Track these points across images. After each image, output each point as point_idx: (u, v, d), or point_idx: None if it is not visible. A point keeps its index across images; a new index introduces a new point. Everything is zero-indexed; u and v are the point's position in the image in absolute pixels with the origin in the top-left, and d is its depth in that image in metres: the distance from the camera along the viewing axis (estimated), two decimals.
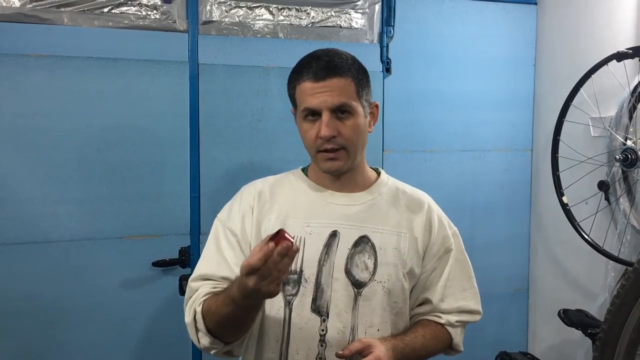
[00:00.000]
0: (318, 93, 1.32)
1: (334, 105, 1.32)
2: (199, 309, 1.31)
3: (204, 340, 1.31)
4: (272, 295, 1.15)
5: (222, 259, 1.39)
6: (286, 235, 1.10)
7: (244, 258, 1.38)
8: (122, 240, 2.13)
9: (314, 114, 1.34)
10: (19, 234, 2.02)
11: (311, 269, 1.35)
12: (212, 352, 1.34)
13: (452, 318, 1.44)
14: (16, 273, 2.02)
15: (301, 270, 1.35)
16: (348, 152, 1.36)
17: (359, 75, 1.37)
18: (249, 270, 1.09)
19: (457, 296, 1.46)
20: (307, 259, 1.35)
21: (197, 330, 1.32)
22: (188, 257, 2.18)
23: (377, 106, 1.44)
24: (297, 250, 1.12)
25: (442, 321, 1.43)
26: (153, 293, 2.18)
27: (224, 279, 1.36)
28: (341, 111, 1.33)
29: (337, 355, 1.26)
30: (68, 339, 2.08)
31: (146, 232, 2.16)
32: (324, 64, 1.33)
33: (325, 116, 1.32)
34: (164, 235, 2.18)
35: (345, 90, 1.33)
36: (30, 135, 2.01)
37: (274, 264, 1.08)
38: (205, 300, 1.32)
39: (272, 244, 1.08)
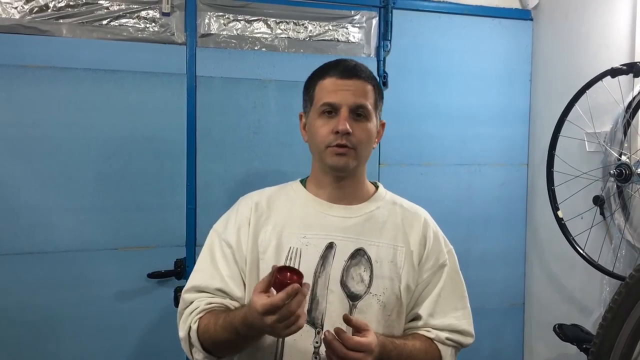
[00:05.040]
0: (341, 90, 1.35)
1: (355, 103, 1.34)
2: (194, 327, 1.32)
3: (198, 356, 1.33)
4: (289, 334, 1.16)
5: (216, 271, 1.39)
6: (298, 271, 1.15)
7: (237, 271, 1.39)
8: (118, 252, 2.13)
9: (331, 110, 1.35)
10: (14, 245, 2.02)
11: (306, 280, 1.34)
12: None
13: (442, 334, 1.40)
14: (11, 283, 2.01)
15: None
16: (357, 154, 1.37)
17: (378, 88, 1.42)
18: (270, 309, 1.10)
19: (448, 314, 1.42)
20: (303, 271, 1.33)
21: (191, 345, 1.33)
22: (183, 269, 2.18)
23: (383, 125, 1.48)
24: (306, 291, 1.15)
25: (431, 335, 1.40)
26: (148, 304, 2.17)
27: (219, 290, 1.37)
28: (358, 113, 1.35)
29: (344, 317, 1.24)
30: (62, 349, 2.07)
31: (142, 244, 2.16)
32: (352, 65, 1.39)
33: (345, 112, 1.34)
34: (160, 246, 2.17)
35: (366, 94, 1.37)
36: (27, 145, 2.02)
37: (297, 304, 1.11)
38: (201, 318, 1.32)
39: (296, 285, 1.10)
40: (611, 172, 1.98)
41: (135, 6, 2.12)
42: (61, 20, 2.04)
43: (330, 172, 1.41)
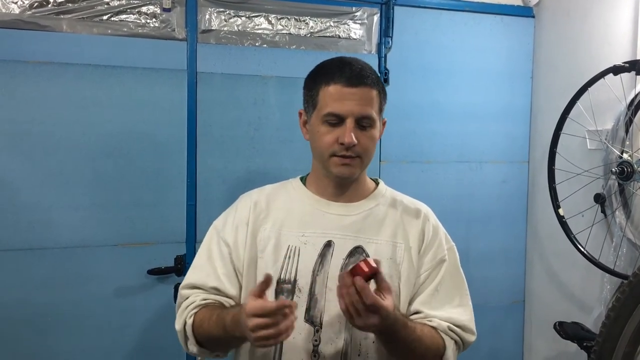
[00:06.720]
0: (347, 100, 1.31)
1: (360, 114, 1.32)
2: (189, 321, 1.33)
3: (192, 348, 1.35)
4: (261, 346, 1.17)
5: (212, 269, 1.40)
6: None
7: (233, 269, 1.40)
8: (118, 248, 2.13)
9: (336, 119, 1.33)
10: (14, 241, 2.02)
11: (305, 279, 1.34)
12: (200, 357, 1.39)
13: (444, 323, 1.36)
14: (11, 279, 2.02)
15: (295, 280, 1.34)
16: (362, 161, 1.36)
17: (383, 91, 1.39)
18: (258, 312, 1.11)
19: (446, 308, 1.39)
20: (301, 269, 1.35)
21: (186, 338, 1.35)
22: (183, 266, 2.18)
23: (384, 123, 1.46)
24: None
25: (433, 324, 1.36)
26: (148, 301, 2.17)
27: (214, 289, 1.38)
28: (363, 122, 1.33)
29: (373, 269, 1.17)
30: (62, 346, 2.08)
31: (142, 240, 2.16)
32: (357, 71, 1.33)
33: (350, 123, 1.31)
34: (160, 243, 2.17)
35: (372, 102, 1.34)
36: (27, 141, 2.01)
37: (287, 322, 1.12)
38: (196, 313, 1.34)
39: (289, 302, 1.14)
40: (612, 169, 1.98)
41: (135, 2, 2.11)
42: (61, 16, 2.04)
43: (334, 178, 1.40)
